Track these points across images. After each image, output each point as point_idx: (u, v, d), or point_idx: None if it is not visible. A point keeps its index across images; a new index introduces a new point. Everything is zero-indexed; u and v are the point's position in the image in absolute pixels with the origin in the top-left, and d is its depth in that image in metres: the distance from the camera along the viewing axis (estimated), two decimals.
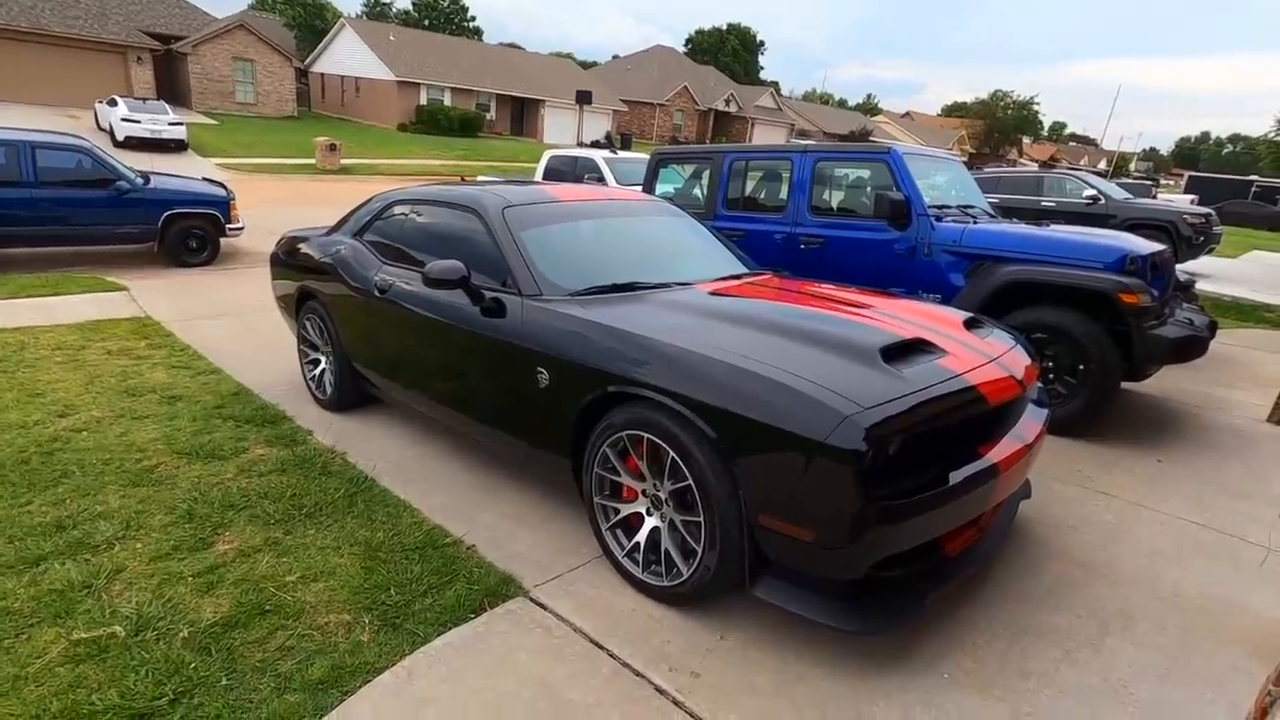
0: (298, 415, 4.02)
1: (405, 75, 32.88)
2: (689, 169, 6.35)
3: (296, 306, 4.31)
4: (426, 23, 56.28)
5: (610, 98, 41.25)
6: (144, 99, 22.06)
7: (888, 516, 1.92)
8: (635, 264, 3.13)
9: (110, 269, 7.87)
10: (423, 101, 33.94)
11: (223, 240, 8.86)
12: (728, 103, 48.82)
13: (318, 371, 4.24)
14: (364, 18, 53.10)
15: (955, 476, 2.08)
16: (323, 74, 38.72)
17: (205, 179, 10.05)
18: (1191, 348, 4.08)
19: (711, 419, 2.11)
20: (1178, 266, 6.23)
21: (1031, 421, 2.52)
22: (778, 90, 61.09)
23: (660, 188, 6.50)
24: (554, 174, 11.66)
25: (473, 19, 62.26)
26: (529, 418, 2.77)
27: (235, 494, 3.06)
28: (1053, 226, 4.78)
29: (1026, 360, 2.64)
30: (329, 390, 4.15)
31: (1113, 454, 4.02)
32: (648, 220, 3.55)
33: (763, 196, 5.79)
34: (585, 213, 3.32)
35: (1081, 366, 4.10)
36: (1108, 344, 4.02)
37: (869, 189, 5.21)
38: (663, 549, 2.36)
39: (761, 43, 75.45)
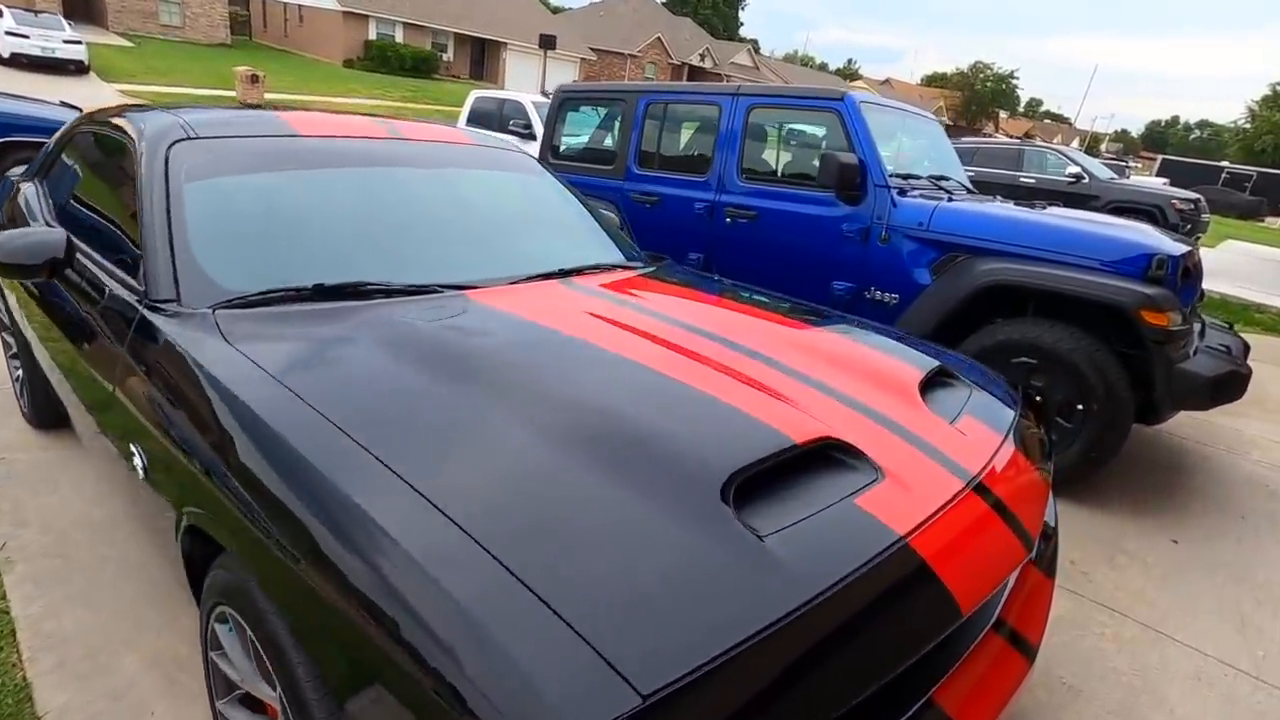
0: None
1: (352, 5, 30.13)
2: (603, 113, 5.03)
3: None
4: None
5: (579, 45, 38.88)
6: (36, 11, 19.52)
7: None
8: (388, 249, 1.86)
9: None
10: (372, 36, 31.28)
11: None
12: (703, 58, 46.68)
13: (21, 371, 2.93)
14: None
15: None
16: (265, 1, 35.56)
17: (62, 103, 8.35)
18: (1232, 387, 3.01)
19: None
20: None
21: (1031, 606, 1.40)
22: (756, 49, 58.89)
23: (568, 139, 5.18)
24: (479, 118, 10.21)
25: None
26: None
27: None
28: (1051, 209, 3.63)
29: (1037, 472, 1.49)
30: (27, 399, 2.87)
31: (1113, 526, 2.97)
32: (455, 176, 2.26)
33: (683, 152, 4.52)
34: (335, 158, 2.02)
35: (1081, 405, 3.00)
36: (1118, 375, 2.93)
37: (821, 148, 3.99)
38: None
39: None
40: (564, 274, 1.94)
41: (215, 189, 1.78)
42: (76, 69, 18.78)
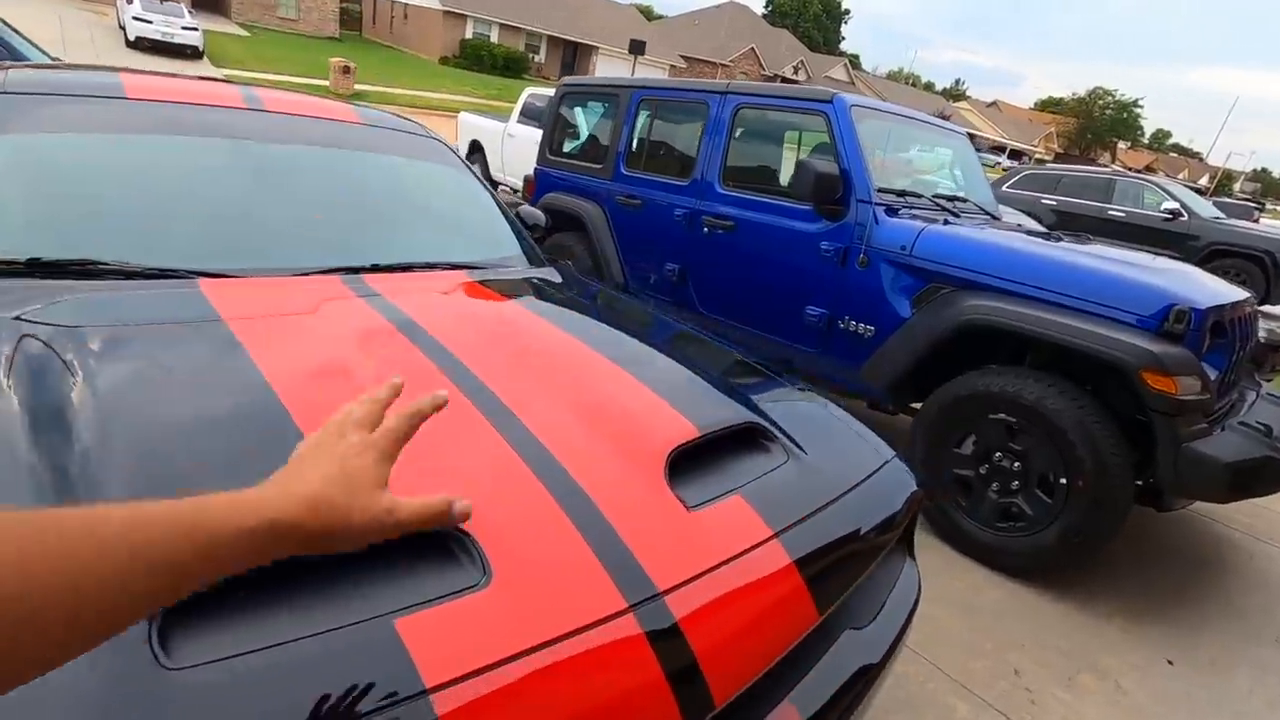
0: None
1: (452, 5, 31.21)
2: (601, 110, 4.75)
3: None
4: None
5: (670, 53, 38.88)
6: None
7: None
8: (156, 225, 1.61)
9: None
10: (468, 35, 32.32)
11: None
12: (795, 70, 45.75)
13: None
14: None
15: None
16: None
17: None
18: (1264, 477, 2.40)
19: None
20: (1266, 308, 4.41)
21: None
22: (855, 63, 57.25)
23: (570, 136, 4.92)
24: (531, 114, 10.15)
25: None
26: None
27: None
28: (1088, 245, 3.08)
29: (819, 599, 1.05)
30: None
31: (1091, 630, 2.42)
32: (300, 153, 2.01)
33: (669, 154, 4.18)
34: (153, 124, 1.81)
35: (1064, 479, 2.47)
36: (1114, 448, 2.39)
37: (811, 155, 3.57)
38: None
39: (847, 11, 70.85)
40: (358, 270, 1.65)
41: (28, 144, 1.61)
42: (192, 54, 20.15)
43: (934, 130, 3.85)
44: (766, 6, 67.50)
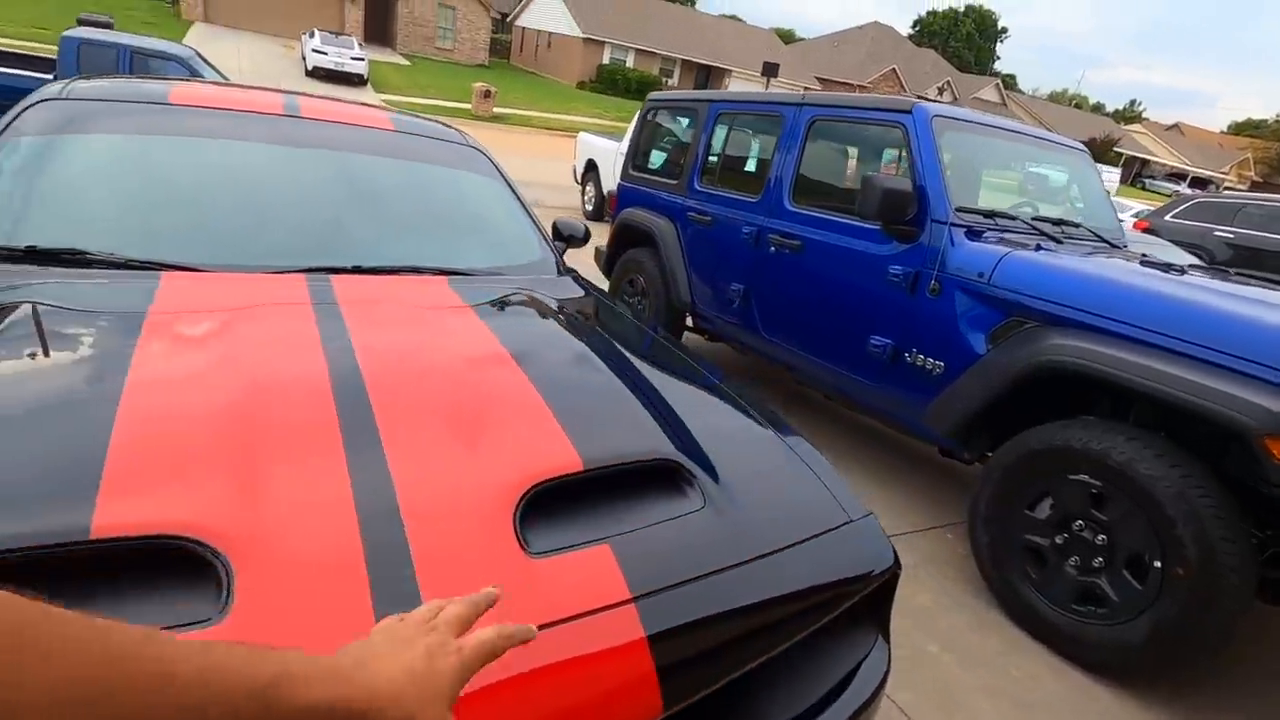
0: None
1: (590, 32, 32.54)
2: (683, 124, 4.64)
3: None
4: None
5: (805, 75, 38.22)
6: (336, 33, 23.59)
7: None
8: (151, 221, 1.68)
9: None
10: (605, 61, 33.54)
11: None
12: (940, 91, 43.43)
13: None
14: None
15: None
16: (524, 28, 39.77)
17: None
18: None
19: None
20: None
21: None
22: (1010, 84, 53.48)
23: (656, 151, 4.86)
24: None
25: None
26: None
27: None
28: (1224, 283, 2.56)
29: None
30: None
31: None
32: (326, 156, 2.05)
33: (742, 169, 3.98)
34: (187, 128, 1.92)
35: (1159, 563, 2.03)
36: (1226, 529, 1.93)
37: (895, 171, 3.27)
38: None
39: (1004, 30, 66.47)
40: (336, 271, 1.63)
41: (41, 147, 1.76)
42: (358, 81, 22.34)
43: (1045, 146, 3.40)
44: (913, 27, 64.84)
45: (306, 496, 0.85)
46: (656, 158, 4.76)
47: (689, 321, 4.37)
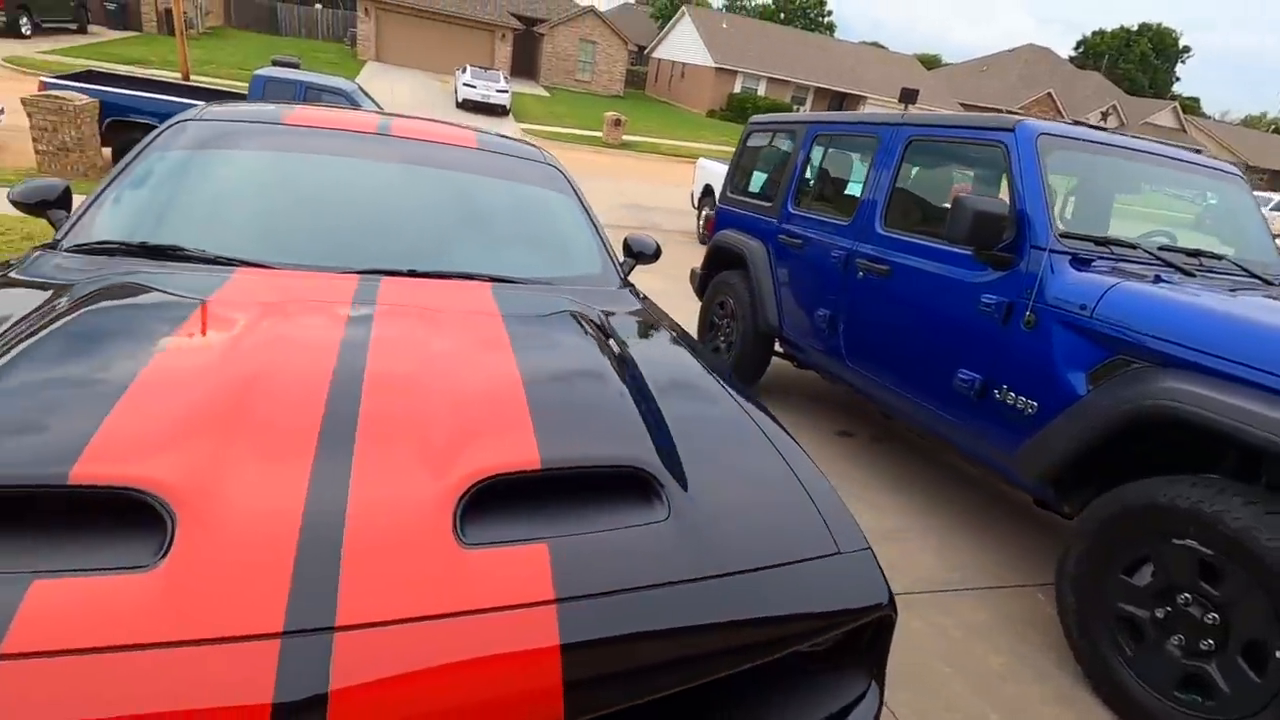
0: None
1: (723, 62, 32.95)
2: (782, 146, 4.56)
3: None
4: (782, 16, 55.86)
5: (948, 101, 36.47)
6: (485, 68, 25.42)
7: None
8: (253, 225, 1.89)
9: None
10: (736, 89, 33.79)
11: None
12: (1104, 116, 39.78)
13: None
14: (723, 10, 54.81)
15: None
16: (659, 59, 41.00)
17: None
18: None
19: None
20: None
21: None
22: (1191, 107, 48.12)
23: (758, 173, 4.83)
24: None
25: (829, 13, 60.23)
26: None
27: None
28: None
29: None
30: None
31: None
32: (409, 171, 2.21)
33: (836, 191, 3.84)
34: (292, 144, 2.14)
35: None
36: None
37: (994, 194, 3.04)
38: None
39: (1185, 49, 60.00)
40: (391, 273, 1.75)
41: (174, 158, 2.05)
42: (501, 112, 23.95)
43: (1185, 169, 3.02)
44: (1076, 48, 60.11)
45: (265, 481, 0.90)
46: (754, 181, 4.71)
47: (777, 347, 4.27)
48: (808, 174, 4.00)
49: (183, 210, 1.89)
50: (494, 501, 0.96)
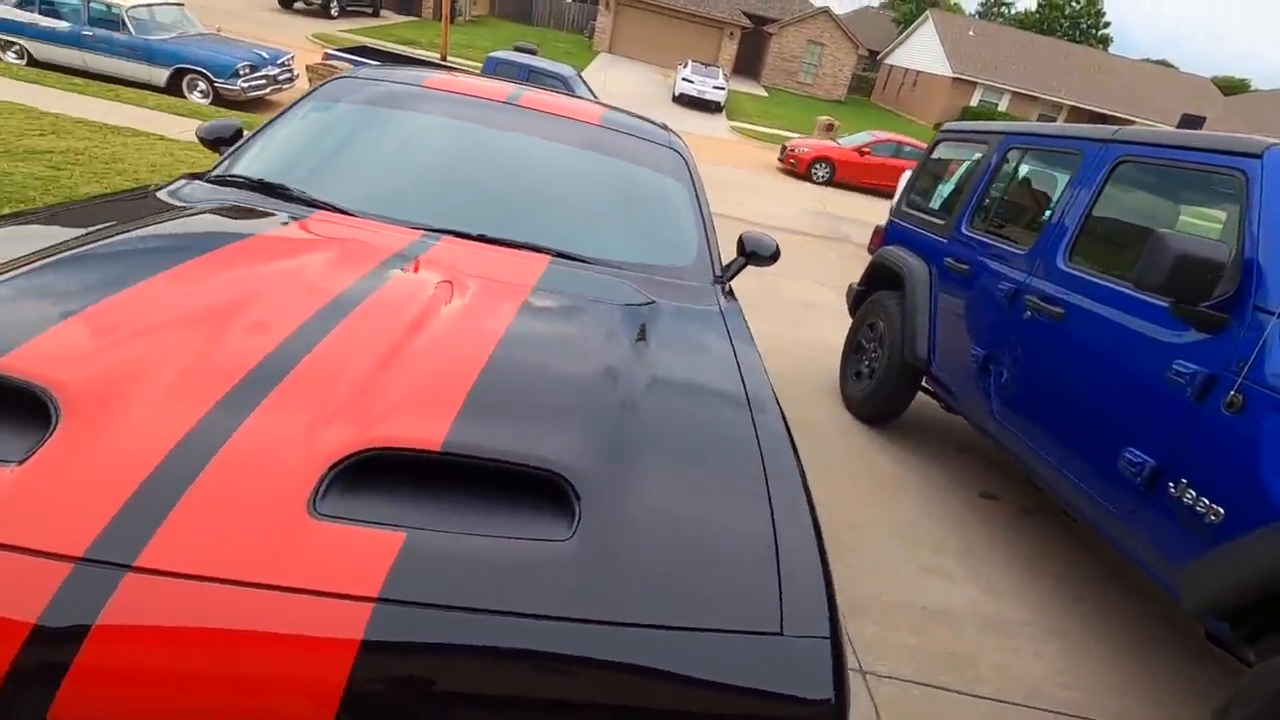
0: None
1: (962, 71, 30.23)
2: (971, 158, 3.98)
3: None
4: (1045, 26, 49.98)
5: (1245, 131, 30.36)
6: (706, 64, 25.65)
7: None
8: (375, 179, 1.97)
9: None
10: (973, 102, 30.86)
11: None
12: None
13: None
14: (976, 16, 50.27)
15: None
16: (891, 66, 38.72)
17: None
18: None
19: None
20: None
21: None
22: None
23: (944, 187, 4.30)
24: None
25: (1105, 25, 52.72)
26: None
27: None
28: None
29: None
30: None
31: None
32: (528, 142, 2.19)
33: (1019, 214, 3.27)
34: (426, 107, 2.21)
35: None
36: None
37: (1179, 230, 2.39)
38: None
39: None
40: (458, 235, 1.74)
41: (318, 110, 2.23)
42: (715, 108, 24.11)
43: None
44: None
45: (159, 409, 0.89)
46: (933, 195, 4.20)
47: (923, 383, 3.78)
48: (991, 191, 3.46)
49: (300, 155, 2.05)
50: (380, 476, 0.88)
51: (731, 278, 2.27)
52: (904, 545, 2.89)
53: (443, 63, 15.51)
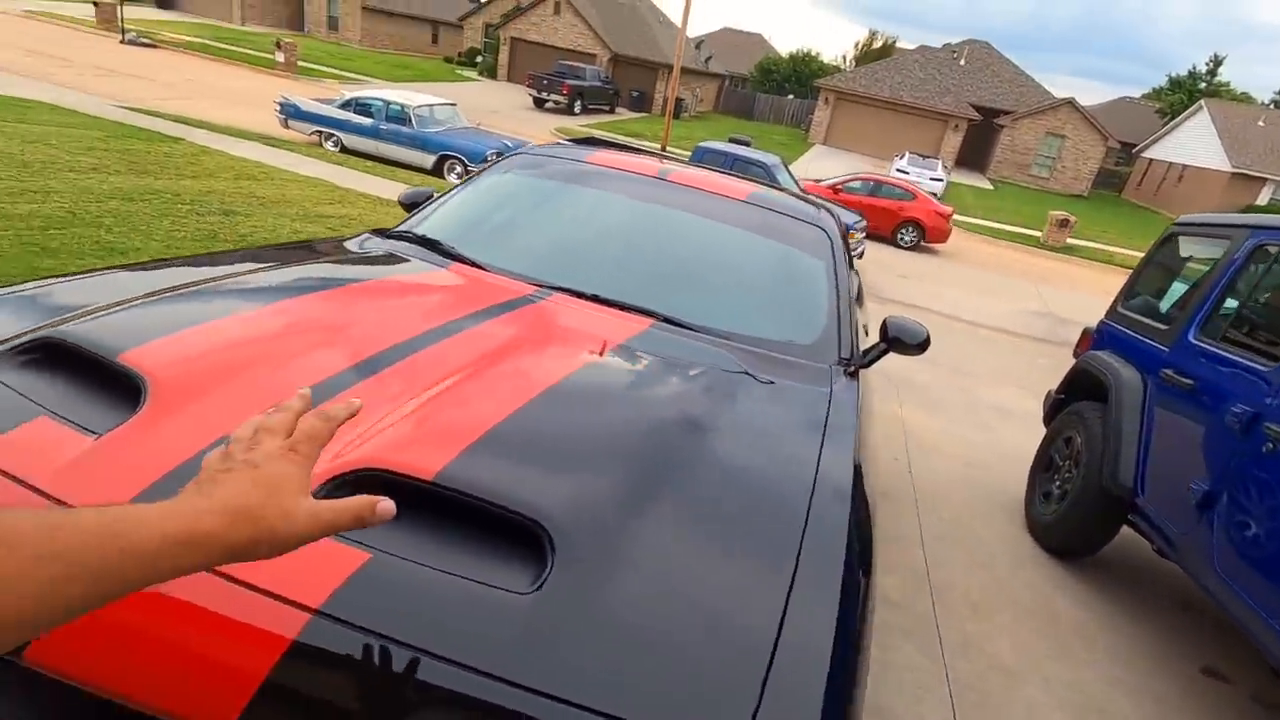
0: None
1: (1244, 166, 25.86)
2: (1208, 256, 3.31)
3: None
4: None
5: None
6: (924, 155, 24.82)
7: None
8: (524, 245, 2.15)
9: None
10: (1259, 201, 26.18)
11: None
12: None
13: None
14: (1269, 105, 43.30)
15: None
16: (1150, 159, 34.39)
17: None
18: None
19: None
20: None
21: None
22: None
23: (1166, 288, 3.67)
24: None
25: None
26: None
27: None
28: None
29: None
30: None
31: None
32: (674, 216, 2.26)
33: (1267, 326, 2.62)
34: (586, 180, 2.39)
35: None
36: None
37: None
38: None
39: None
40: (571, 293, 1.80)
41: (488, 179, 2.52)
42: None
43: None
44: None
45: (214, 412, 1.01)
46: (1153, 296, 3.58)
47: (1129, 516, 3.13)
48: (1231, 295, 2.86)
49: (462, 216, 2.30)
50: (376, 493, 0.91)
51: (869, 364, 2.10)
52: (1072, 716, 2.33)
53: (661, 152, 16.86)
